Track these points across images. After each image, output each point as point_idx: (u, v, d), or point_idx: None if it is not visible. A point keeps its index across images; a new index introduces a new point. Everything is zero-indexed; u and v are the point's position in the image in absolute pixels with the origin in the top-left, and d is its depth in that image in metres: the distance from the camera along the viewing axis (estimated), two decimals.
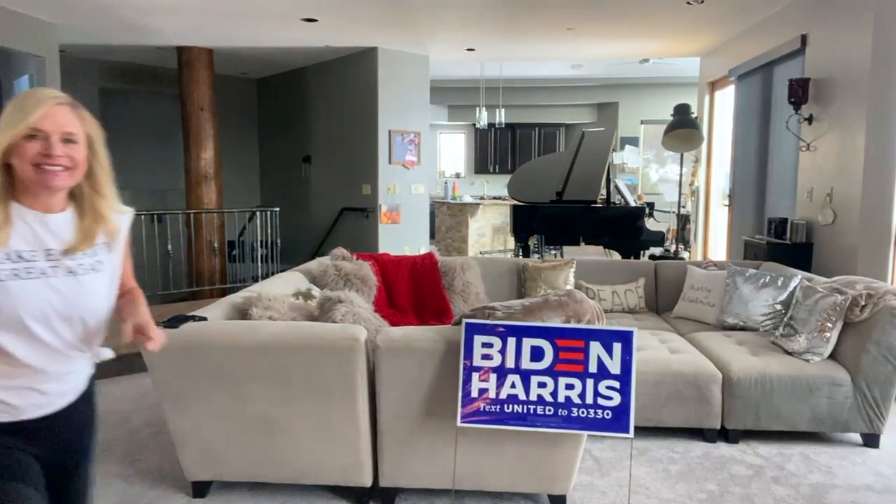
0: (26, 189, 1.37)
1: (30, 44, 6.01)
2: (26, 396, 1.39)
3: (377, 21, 6.18)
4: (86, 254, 1.43)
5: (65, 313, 1.38)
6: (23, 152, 1.32)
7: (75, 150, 1.37)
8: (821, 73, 4.69)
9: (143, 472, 2.92)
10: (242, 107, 9.69)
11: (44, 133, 1.33)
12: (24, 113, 1.32)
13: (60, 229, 1.40)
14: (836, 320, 3.22)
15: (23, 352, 1.35)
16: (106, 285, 1.47)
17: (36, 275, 1.34)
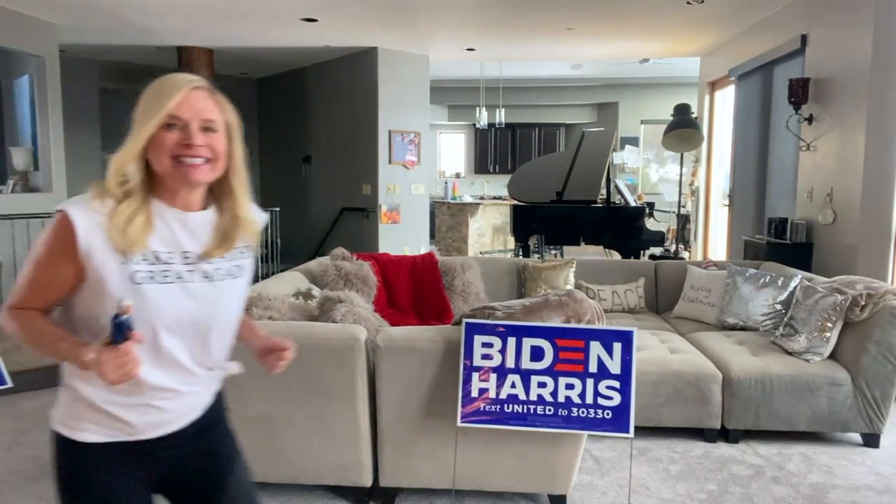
0: (165, 185, 1.23)
1: (30, 44, 6.01)
2: (144, 414, 1.24)
3: (377, 21, 6.18)
4: (224, 258, 1.29)
5: (198, 322, 1.24)
6: (160, 144, 1.18)
7: (215, 139, 1.23)
8: (821, 73, 4.69)
9: None
10: (242, 107, 9.58)
11: (182, 121, 1.19)
12: (160, 100, 1.18)
13: (199, 230, 1.27)
14: (836, 320, 3.22)
15: (146, 366, 1.18)
16: (242, 293, 1.34)
17: (172, 279, 1.21)
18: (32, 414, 3.62)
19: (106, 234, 1.15)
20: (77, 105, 7.85)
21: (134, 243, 1.16)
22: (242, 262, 1.34)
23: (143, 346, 1.15)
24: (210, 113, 1.23)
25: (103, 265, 1.15)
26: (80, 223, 1.15)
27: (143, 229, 1.18)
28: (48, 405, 3.73)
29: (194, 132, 1.20)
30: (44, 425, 3.45)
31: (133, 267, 1.17)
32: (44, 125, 6.25)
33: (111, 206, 1.17)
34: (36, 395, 3.90)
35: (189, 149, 1.19)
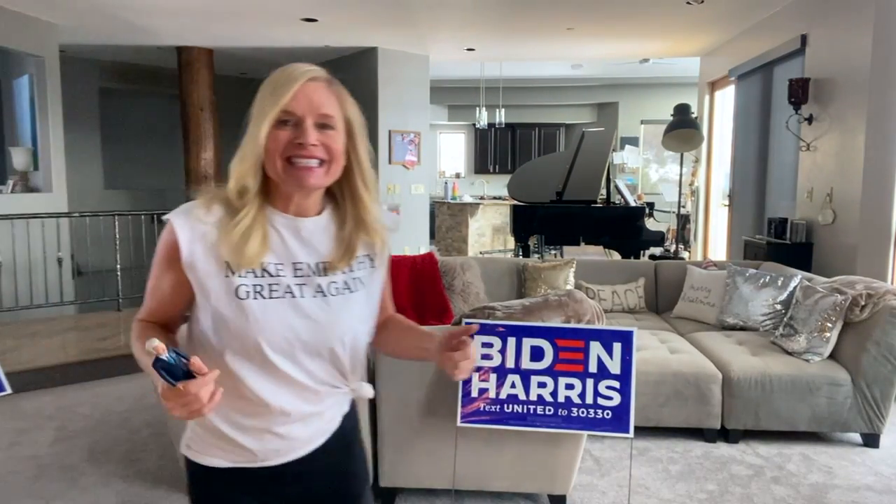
0: (277, 188, 1.11)
1: (30, 44, 6.01)
2: (264, 440, 1.14)
3: (377, 21, 6.18)
4: (342, 270, 1.15)
5: (311, 342, 1.11)
6: (271, 142, 1.07)
7: (332, 137, 1.09)
8: (821, 73, 4.69)
9: (143, 472, 2.92)
10: (242, 107, 9.53)
11: (295, 117, 1.07)
12: (274, 94, 1.07)
13: (313, 238, 1.14)
14: (836, 320, 3.22)
15: (260, 386, 1.09)
16: (361, 309, 1.18)
17: (280, 294, 1.09)
18: (32, 414, 3.62)
19: (209, 245, 1.06)
20: (77, 105, 7.86)
21: (250, 261, 1.06)
22: (362, 273, 1.18)
23: (254, 363, 1.08)
24: (327, 107, 1.10)
25: (206, 277, 1.07)
26: (182, 233, 1.06)
27: (261, 246, 1.07)
28: (48, 405, 3.74)
29: (308, 129, 1.07)
30: (44, 425, 3.46)
31: (237, 281, 1.06)
32: (44, 125, 6.26)
33: (218, 214, 1.08)
34: (36, 395, 3.90)
35: (302, 148, 1.06)
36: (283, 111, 1.06)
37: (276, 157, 1.07)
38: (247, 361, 1.09)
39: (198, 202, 1.10)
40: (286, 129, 1.07)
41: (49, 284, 5.92)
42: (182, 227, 1.07)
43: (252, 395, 1.10)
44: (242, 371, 1.09)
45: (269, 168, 1.09)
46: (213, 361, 1.05)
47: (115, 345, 4.68)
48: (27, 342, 4.74)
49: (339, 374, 1.17)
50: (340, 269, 1.14)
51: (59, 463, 3.00)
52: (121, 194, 8.90)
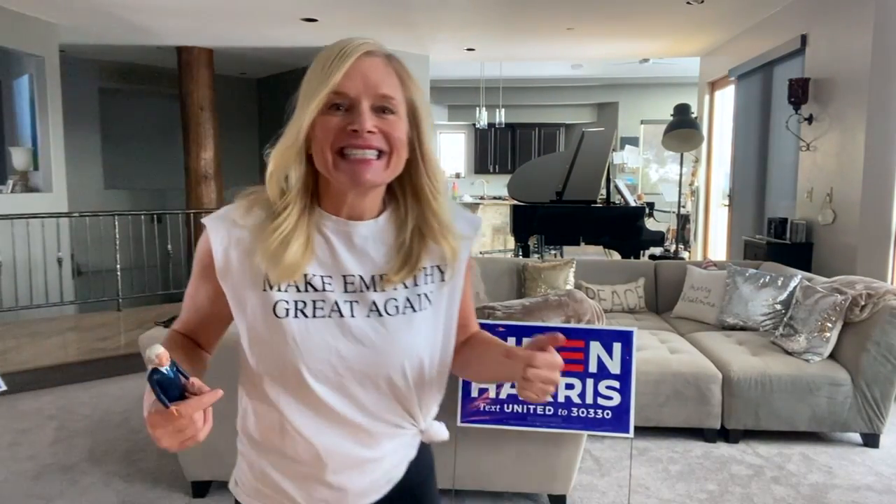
0: (327, 186, 0.94)
1: (30, 44, 6.01)
2: (311, 489, 0.97)
3: (377, 21, 6.18)
4: (403, 284, 0.96)
5: (363, 370, 0.93)
6: (319, 130, 0.89)
7: (393, 123, 0.90)
8: (821, 73, 4.69)
9: (143, 472, 2.92)
10: (242, 107, 9.70)
11: (348, 99, 0.88)
12: (324, 72, 0.88)
13: (368, 245, 0.95)
14: (836, 320, 3.22)
15: (302, 422, 0.93)
16: (431, 331, 0.99)
17: (326, 312, 0.92)
18: (32, 414, 3.62)
19: (246, 253, 0.92)
20: (77, 105, 7.86)
21: (290, 273, 0.89)
22: (428, 288, 0.98)
23: (295, 393, 0.92)
24: (386, 87, 0.91)
25: (241, 289, 0.93)
26: (217, 239, 0.93)
27: (302, 255, 0.90)
28: (48, 405, 3.75)
29: (364, 113, 0.88)
30: (44, 425, 3.46)
31: (276, 296, 0.91)
32: (44, 125, 6.26)
33: (258, 217, 0.92)
34: (36, 395, 3.90)
35: (356, 137, 0.88)
36: (334, 92, 0.88)
37: (325, 147, 0.88)
38: (287, 391, 0.93)
39: (237, 204, 0.95)
40: (337, 114, 0.89)
41: (49, 284, 5.92)
42: (216, 231, 0.93)
43: (295, 433, 0.94)
44: (282, 402, 0.93)
45: (318, 161, 0.91)
46: (254, 388, 0.96)
47: (115, 345, 4.68)
48: (27, 342, 4.74)
49: (403, 410, 0.98)
50: (401, 283, 0.95)
51: (59, 463, 3.00)
52: (121, 194, 8.91)
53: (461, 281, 1.03)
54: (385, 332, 0.94)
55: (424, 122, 0.96)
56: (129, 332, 5.00)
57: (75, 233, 6.40)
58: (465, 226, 1.03)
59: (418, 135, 0.95)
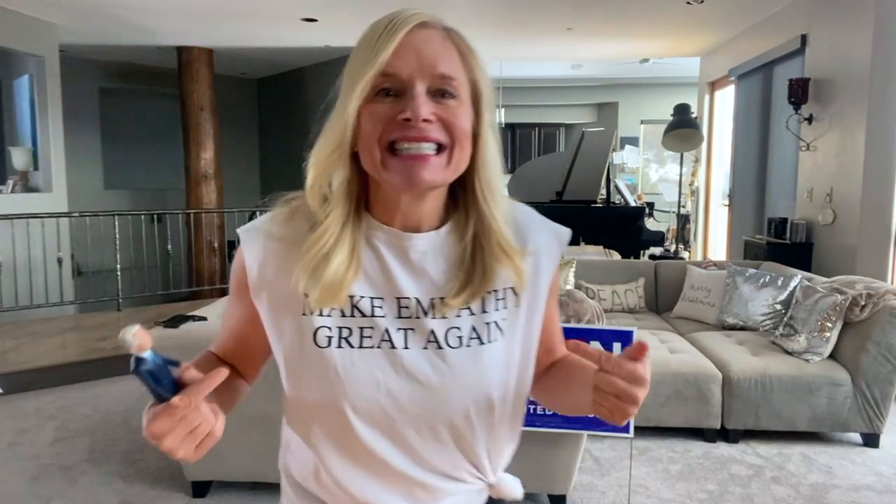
0: (377, 189, 0.79)
1: (30, 44, 6.01)
2: None
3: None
4: (468, 310, 0.79)
5: (419, 414, 0.77)
6: (366, 120, 0.73)
7: (454, 111, 0.74)
8: (821, 73, 4.69)
9: (143, 472, 2.92)
10: (242, 107, 9.70)
11: (398, 81, 0.72)
12: (370, 50, 0.74)
13: (427, 262, 0.79)
14: (836, 320, 3.22)
15: (345, 473, 0.79)
16: (502, 367, 0.80)
17: (374, 342, 0.76)
18: (32, 414, 3.62)
19: (283, 269, 0.77)
20: (77, 105, 7.86)
21: (332, 294, 0.74)
22: (500, 315, 0.81)
23: (337, 434, 0.78)
24: (445, 65, 0.74)
25: (277, 312, 0.79)
26: (251, 253, 0.80)
27: (346, 271, 0.75)
28: (48, 405, 3.75)
29: (418, 98, 0.71)
30: (44, 425, 3.46)
31: (317, 321, 0.76)
32: (44, 125, 6.26)
33: (299, 228, 0.78)
34: (36, 395, 3.90)
35: (409, 127, 0.71)
36: (382, 74, 0.72)
37: (372, 142, 0.73)
38: (327, 432, 0.78)
39: (275, 212, 0.82)
40: (386, 100, 0.73)
41: (49, 284, 5.92)
42: (251, 245, 0.80)
43: (332, 484, 0.80)
44: (321, 444, 0.79)
45: (364, 160, 0.75)
46: (291, 419, 0.84)
47: (114, 345, 4.67)
48: (27, 342, 4.74)
49: (467, 460, 0.80)
50: (465, 308, 0.78)
51: (59, 463, 3.00)
52: (121, 194, 8.91)
53: (542, 304, 0.84)
54: (445, 369, 0.77)
55: (487, 111, 0.78)
56: None
57: (75, 233, 6.40)
58: (548, 238, 0.85)
59: (479, 126, 0.77)
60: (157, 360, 0.65)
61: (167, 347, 2.47)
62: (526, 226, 0.84)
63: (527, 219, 0.85)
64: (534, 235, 0.84)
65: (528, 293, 0.82)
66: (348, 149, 0.75)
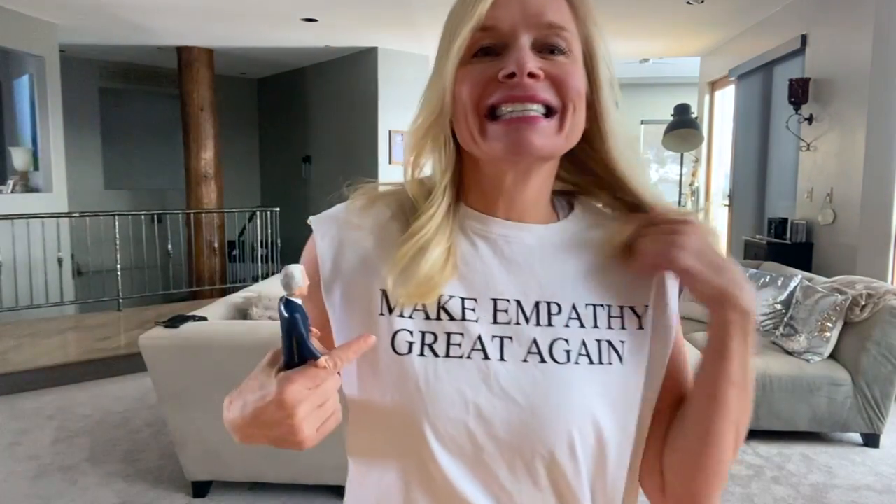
0: (474, 171, 0.68)
1: (30, 44, 6.01)
2: None
3: (377, 21, 6.18)
4: (578, 321, 0.66)
5: (513, 441, 0.62)
6: (462, 85, 0.62)
7: (565, 67, 0.63)
8: (821, 73, 4.69)
9: (143, 472, 2.92)
10: (242, 107, 9.70)
11: (499, 35, 0.62)
12: (466, 4, 0.63)
13: (534, 259, 0.67)
14: (836, 320, 3.22)
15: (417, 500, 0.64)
16: (620, 394, 0.65)
17: (464, 351, 0.63)
18: (32, 414, 3.62)
19: (362, 262, 0.67)
20: (77, 105, 7.86)
21: (425, 292, 0.63)
22: (618, 335, 0.66)
23: (411, 460, 0.63)
24: (553, 14, 0.63)
25: (349, 311, 0.67)
26: (324, 242, 0.68)
27: (442, 267, 0.64)
28: (48, 405, 3.75)
29: (522, 50, 0.61)
30: (44, 425, 3.46)
31: (397, 322, 0.64)
32: (44, 125, 6.26)
33: (381, 215, 0.69)
34: (36, 395, 3.90)
35: (512, 86, 0.60)
36: (480, 29, 0.62)
37: (468, 108, 0.62)
38: (400, 461, 0.64)
39: (350, 200, 0.71)
40: (485, 60, 0.62)
41: (49, 284, 5.92)
42: (324, 232, 0.69)
43: None
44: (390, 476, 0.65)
45: (461, 131, 0.64)
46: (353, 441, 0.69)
47: (115, 345, 4.68)
48: (27, 342, 4.74)
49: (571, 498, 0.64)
50: (575, 318, 0.66)
51: (59, 463, 3.00)
52: (121, 194, 8.91)
53: (672, 332, 0.70)
54: (548, 387, 0.62)
55: (603, 74, 0.67)
56: (129, 332, 5.00)
57: (75, 233, 6.40)
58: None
59: (595, 87, 0.66)
60: (304, 314, 0.56)
61: (168, 347, 2.48)
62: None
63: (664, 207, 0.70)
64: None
65: (652, 315, 0.68)
66: (449, 122, 0.65)
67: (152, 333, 2.48)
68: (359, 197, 0.71)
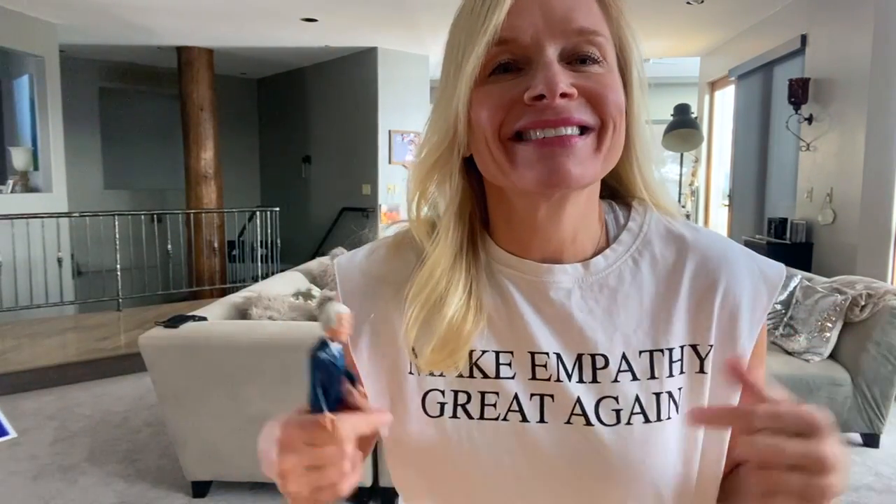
0: (498, 204, 0.60)
1: (30, 44, 6.01)
2: None
3: (377, 21, 6.18)
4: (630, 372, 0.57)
5: None
6: (480, 108, 0.54)
7: (602, 80, 0.54)
8: (821, 73, 4.69)
9: (143, 472, 2.92)
10: (242, 107, 9.70)
11: (520, 48, 0.53)
12: (477, 12, 0.55)
13: (572, 304, 0.58)
14: (836, 320, 3.22)
15: None
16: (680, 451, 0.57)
17: (500, 412, 0.57)
18: (32, 414, 3.62)
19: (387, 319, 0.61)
20: (77, 105, 7.86)
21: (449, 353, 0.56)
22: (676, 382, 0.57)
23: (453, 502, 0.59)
24: (584, 16, 0.53)
25: (377, 370, 0.62)
26: (348, 296, 0.63)
27: (462, 320, 0.57)
28: (48, 405, 3.75)
29: (550, 66, 0.51)
30: (44, 425, 3.46)
31: (427, 382, 0.59)
32: (44, 125, 6.26)
33: (406, 263, 0.62)
34: (36, 395, 3.90)
35: (541, 109, 0.51)
36: (498, 43, 0.53)
37: (490, 136, 0.54)
38: (443, 500, 0.60)
39: (378, 243, 0.66)
40: (504, 78, 0.54)
41: (49, 284, 5.92)
42: (349, 282, 0.64)
43: None
44: None
45: (483, 162, 0.56)
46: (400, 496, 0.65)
47: (114, 345, 4.68)
48: (27, 342, 4.74)
49: None
50: (626, 370, 0.57)
51: (59, 463, 3.00)
52: (121, 194, 8.91)
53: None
54: (595, 454, 0.55)
55: (636, 80, 0.57)
56: (129, 332, 5.00)
57: (75, 233, 6.40)
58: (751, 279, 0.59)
59: (628, 96, 0.57)
60: (340, 361, 0.50)
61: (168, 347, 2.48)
62: (717, 256, 0.59)
63: (719, 247, 0.60)
64: (729, 271, 0.58)
65: (717, 355, 0.57)
66: (459, 152, 0.57)
67: (152, 333, 2.48)
68: (385, 241, 0.65)
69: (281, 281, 3.58)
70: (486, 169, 0.56)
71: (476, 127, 0.55)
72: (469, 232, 0.60)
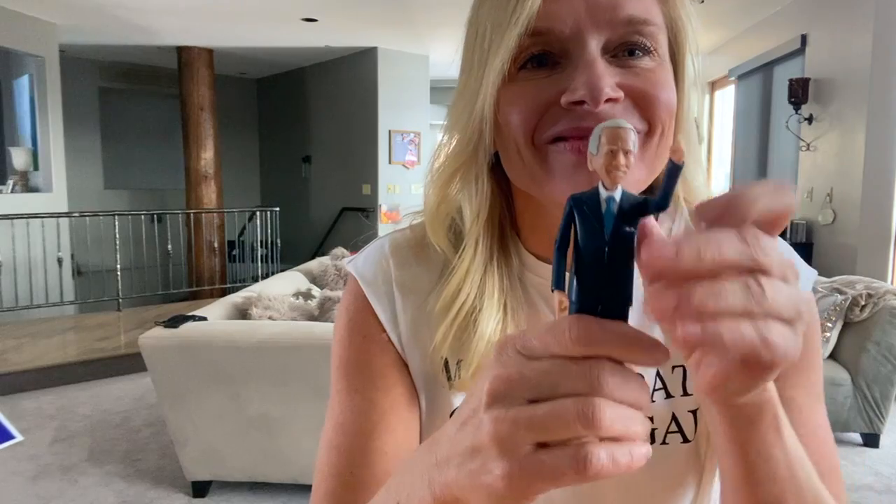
0: (527, 209, 0.56)
1: (30, 44, 6.01)
2: None
3: (377, 21, 6.18)
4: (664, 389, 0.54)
5: None
6: (508, 107, 0.48)
7: (652, 76, 0.47)
8: (821, 73, 4.69)
9: (143, 472, 2.92)
10: (242, 107, 9.70)
11: (555, 38, 0.46)
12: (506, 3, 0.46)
13: None
14: (836, 320, 3.22)
15: None
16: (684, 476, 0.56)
17: None
18: (32, 414, 3.62)
19: (416, 327, 0.57)
20: (77, 105, 7.86)
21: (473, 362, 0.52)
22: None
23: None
24: (632, 2, 0.46)
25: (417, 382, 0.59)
26: (375, 300, 0.58)
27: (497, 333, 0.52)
28: (48, 405, 3.75)
29: (593, 63, 0.45)
30: (44, 425, 3.46)
31: (458, 398, 0.55)
32: (44, 125, 6.26)
33: (434, 264, 0.57)
34: (36, 395, 3.90)
35: (579, 115, 0.45)
36: (531, 34, 0.45)
37: (521, 141, 0.48)
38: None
39: (398, 236, 0.60)
40: (538, 74, 0.47)
41: (49, 284, 5.92)
42: (371, 287, 0.58)
43: None
44: None
45: (512, 168, 0.51)
46: None
47: (114, 345, 4.68)
48: (27, 342, 4.74)
49: None
50: (660, 388, 0.54)
51: (59, 463, 3.00)
52: (121, 194, 8.91)
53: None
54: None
55: (689, 72, 0.51)
56: (129, 332, 5.00)
57: (75, 233, 6.40)
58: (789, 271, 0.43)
59: (679, 91, 0.50)
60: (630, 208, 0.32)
61: (168, 348, 2.47)
62: None
63: None
64: None
65: None
66: (486, 155, 0.51)
67: (152, 333, 2.48)
68: (404, 235, 0.59)
69: (281, 281, 3.58)
70: (516, 176, 0.51)
71: (504, 129, 0.48)
72: (499, 237, 0.55)
